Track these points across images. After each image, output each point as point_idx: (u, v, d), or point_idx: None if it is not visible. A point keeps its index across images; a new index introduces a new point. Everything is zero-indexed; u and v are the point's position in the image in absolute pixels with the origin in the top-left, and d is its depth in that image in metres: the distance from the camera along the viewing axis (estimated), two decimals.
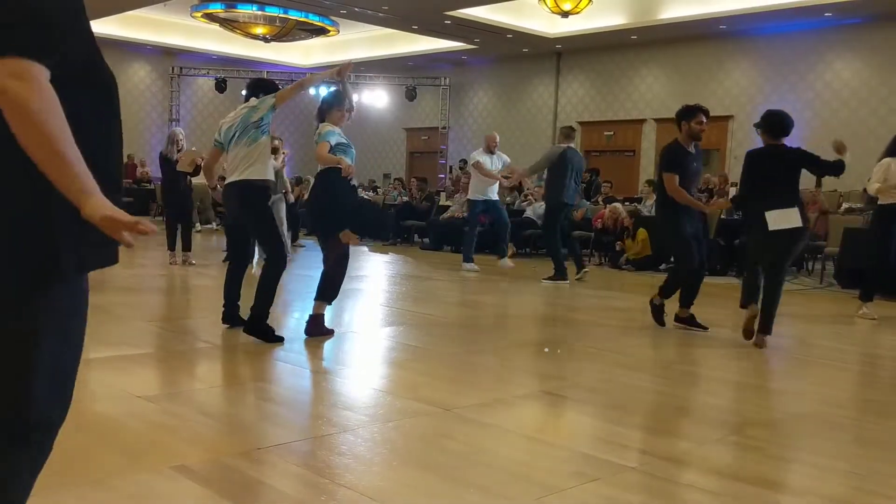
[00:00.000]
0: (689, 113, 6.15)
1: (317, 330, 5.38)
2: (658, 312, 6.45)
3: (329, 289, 5.42)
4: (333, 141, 5.33)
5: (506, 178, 10.57)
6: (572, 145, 9.67)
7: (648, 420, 3.89)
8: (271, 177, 5.36)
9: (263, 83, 5.57)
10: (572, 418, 3.90)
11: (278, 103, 5.23)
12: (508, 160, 10.78)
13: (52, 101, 1.43)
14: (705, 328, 6.29)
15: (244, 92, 5.79)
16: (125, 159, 20.08)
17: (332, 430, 3.38)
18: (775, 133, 5.86)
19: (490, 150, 10.30)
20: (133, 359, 4.57)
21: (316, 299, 5.41)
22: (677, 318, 6.40)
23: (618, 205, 12.45)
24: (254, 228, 5.42)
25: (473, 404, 3.91)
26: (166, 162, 9.71)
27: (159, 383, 4.13)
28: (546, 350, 5.50)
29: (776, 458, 3.33)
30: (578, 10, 15.30)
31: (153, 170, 18.86)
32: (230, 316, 5.50)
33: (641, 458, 3.23)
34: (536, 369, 4.95)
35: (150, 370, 4.38)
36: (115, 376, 4.13)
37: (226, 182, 5.34)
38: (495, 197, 10.34)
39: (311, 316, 5.40)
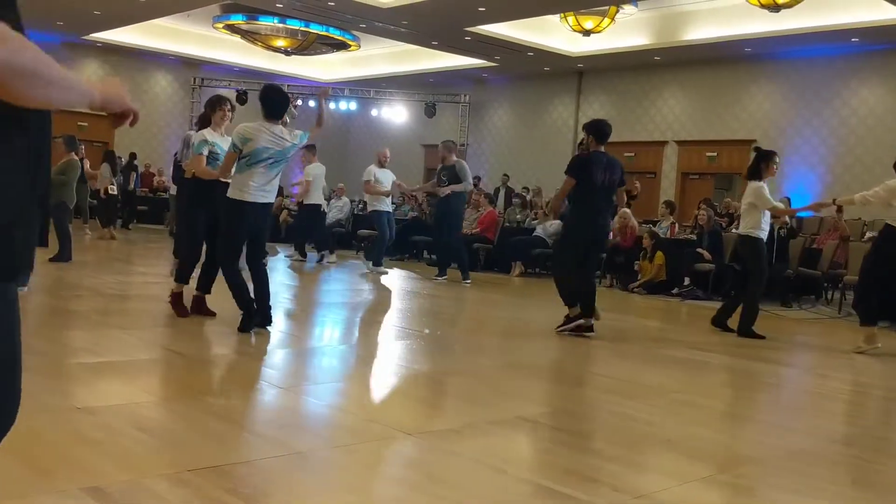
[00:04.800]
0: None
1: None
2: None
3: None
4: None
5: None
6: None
7: (629, 452, 3.58)
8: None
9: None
10: (545, 448, 3.59)
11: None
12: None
13: (22, 42, 1.29)
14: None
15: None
16: (142, 168, 20.15)
17: (278, 452, 3.10)
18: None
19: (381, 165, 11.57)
20: (92, 367, 4.34)
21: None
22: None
23: (627, 210, 11.99)
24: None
25: (441, 429, 3.63)
26: (179, 168, 9.50)
27: (108, 394, 3.87)
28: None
29: (765, 500, 3.02)
30: (600, 29, 15.08)
31: (169, 179, 18.78)
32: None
33: (611, 497, 2.91)
34: (519, 393, 4.64)
35: (104, 379, 4.14)
36: (64, 385, 3.90)
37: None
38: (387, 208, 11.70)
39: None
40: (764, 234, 7.35)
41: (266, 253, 5.93)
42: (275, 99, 5.51)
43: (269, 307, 5.66)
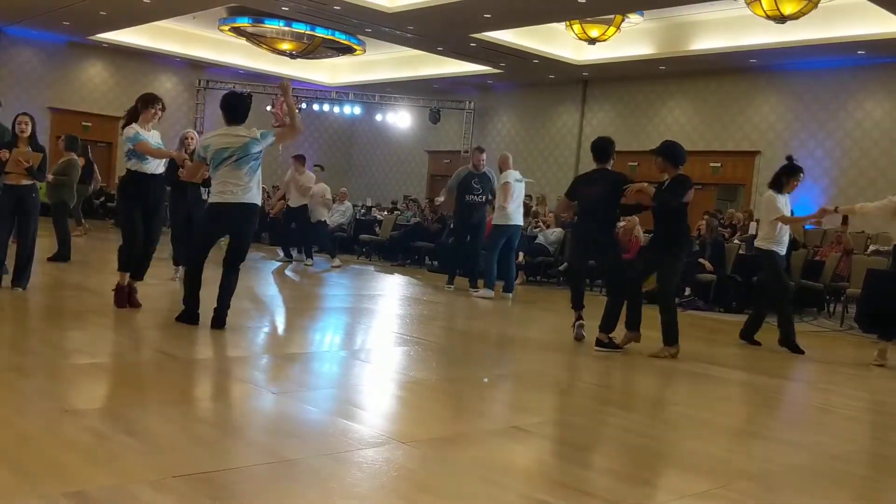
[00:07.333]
0: None
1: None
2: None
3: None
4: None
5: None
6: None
7: (624, 465, 3.52)
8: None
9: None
10: (539, 459, 3.54)
11: None
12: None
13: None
14: None
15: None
16: None
17: (268, 459, 3.05)
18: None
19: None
20: (83, 368, 4.29)
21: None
22: None
23: (634, 218, 11.86)
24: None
25: (435, 437, 3.57)
26: (172, 170, 9.42)
27: (97, 396, 3.83)
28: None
29: None
30: (606, 37, 15.03)
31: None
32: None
33: None
34: (514, 402, 4.59)
35: (95, 381, 4.09)
36: (55, 386, 3.86)
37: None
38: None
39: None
40: (779, 247, 7.25)
41: (244, 258, 5.87)
42: (233, 105, 5.83)
43: (225, 311, 5.69)
